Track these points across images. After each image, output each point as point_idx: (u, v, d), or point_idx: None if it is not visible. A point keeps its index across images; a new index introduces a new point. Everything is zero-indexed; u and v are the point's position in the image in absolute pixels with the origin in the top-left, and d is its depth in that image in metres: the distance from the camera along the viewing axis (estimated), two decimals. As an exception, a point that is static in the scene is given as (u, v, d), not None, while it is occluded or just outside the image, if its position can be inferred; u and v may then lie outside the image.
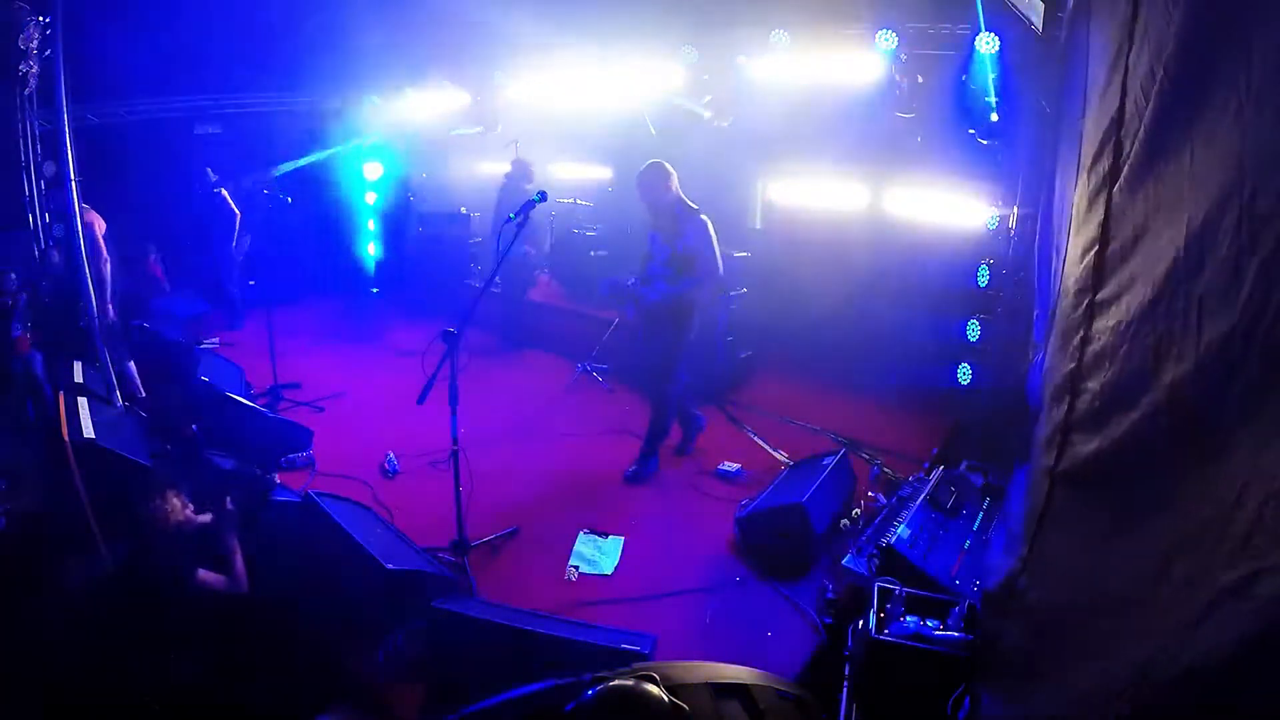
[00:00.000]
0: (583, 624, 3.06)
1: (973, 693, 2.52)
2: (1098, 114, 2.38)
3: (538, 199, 3.84)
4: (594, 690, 1.66)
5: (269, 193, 6.14)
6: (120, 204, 6.04)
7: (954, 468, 4.28)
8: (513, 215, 3.81)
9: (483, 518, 4.17)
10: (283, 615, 3.36)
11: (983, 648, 2.59)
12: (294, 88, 9.41)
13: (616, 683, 1.67)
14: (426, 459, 4.88)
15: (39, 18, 5.84)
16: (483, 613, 3.06)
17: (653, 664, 1.84)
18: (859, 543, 3.66)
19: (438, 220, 8.96)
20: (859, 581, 3.46)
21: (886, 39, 5.33)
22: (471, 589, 3.63)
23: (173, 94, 8.81)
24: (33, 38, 5.89)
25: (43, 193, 6.55)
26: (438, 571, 3.53)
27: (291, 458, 4.86)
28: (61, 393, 4.42)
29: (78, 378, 4.87)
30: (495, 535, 4.09)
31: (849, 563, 3.58)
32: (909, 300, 6.24)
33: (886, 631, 2.69)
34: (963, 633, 2.67)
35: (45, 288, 6.25)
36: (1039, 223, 4.19)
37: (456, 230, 8.89)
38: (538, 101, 8.31)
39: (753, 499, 4.27)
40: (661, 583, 3.80)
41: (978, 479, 4.18)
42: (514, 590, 3.64)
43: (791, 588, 3.73)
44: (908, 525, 3.41)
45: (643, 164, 4.58)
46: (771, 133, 6.75)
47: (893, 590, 2.89)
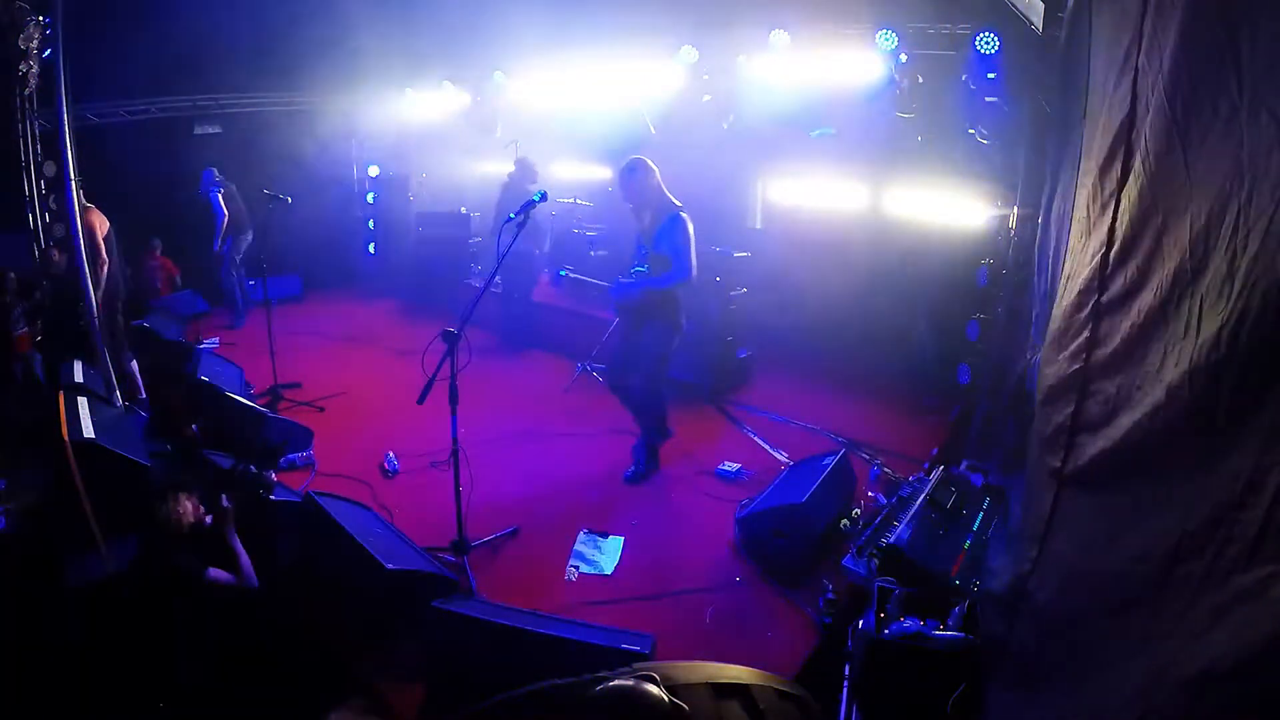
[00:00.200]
0: (583, 624, 3.05)
1: (978, 694, 2.52)
2: (1107, 116, 2.38)
3: (538, 199, 3.85)
4: (594, 690, 1.66)
5: (269, 193, 6.13)
6: (120, 204, 6.03)
7: (954, 467, 4.28)
8: (513, 215, 3.81)
9: (483, 518, 4.17)
10: (286, 615, 3.37)
11: (988, 649, 2.59)
12: (294, 88, 9.42)
13: (616, 683, 1.67)
14: (426, 459, 4.88)
15: (39, 18, 5.84)
16: (483, 613, 3.05)
17: (653, 664, 1.84)
18: (859, 543, 3.66)
19: (438, 220, 8.96)
20: (859, 581, 3.46)
21: (886, 39, 5.33)
22: (471, 589, 3.63)
23: (173, 94, 8.84)
24: (33, 38, 5.90)
25: (43, 193, 6.57)
26: (438, 571, 3.53)
27: (291, 458, 4.85)
28: (61, 393, 4.42)
29: (78, 378, 4.88)
30: (495, 535, 4.09)
31: (849, 563, 3.58)
32: (909, 300, 6.24)
33: (886, 631, 2.69)
34: (963, 633, 2.67)
35: (45, 288, 6.26)
36: (1039, 223, 4.19)
37: (456, 230, 8.90)
38: (538, 101, 8.32)
39: (753, 499, 4.26)
40: (661, 583, 3.79)
41: (978, 479, 4.18)
42: (514, 590, 3.64)
43: (791, 588, 3.72)
44: (908, 525, 3.41)
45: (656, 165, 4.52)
46: (771, 133, 6.76)
47: (893, 590, 2.89)
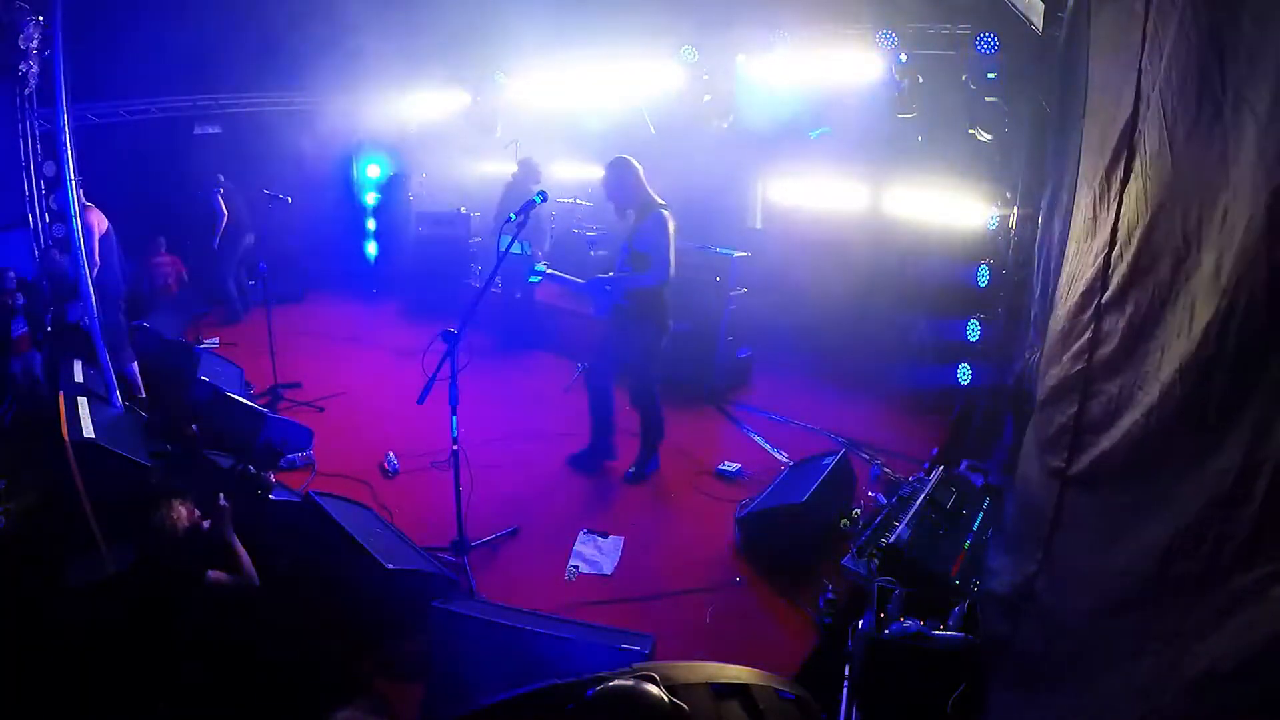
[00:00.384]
0: (583, 624, 3.05)
1: (979, 694, 2.51)
2: (1110, 116, 2.38)
3: (538, 199, 3.85)
4: (594, 690, 1.66)
5: (269, 193, 6.14)
6: (120, 204, 6.03)
7: (954, 468, 4.28)
8: (513, 215, 3.80)
9: (483, 518, 4.17)
10: (286, 615, 3.36)
11: (989, 649, 2.59)
12: (294, 88, 9.42)
13: (616, 683, 1.67)
14: (426, 459, 4.88)
15: (39, 18, 5.84)
16: (483, 613, 3.05)
17: (653, 664, 1.84)
18: (859, 543, 3.66)
19: (438, 220, 8.95)
20: (859, 581, 3.46)
21: (886, 39, 5.33)
22: (471, 589, 3.63)
23: (173, 94, 8.84)
24: (33, 38, 5.90)
25: (43, 192, 6.57)
26: (438, 571, 3.53)
27: (291, 458, 4.85)
28: (61, 393, 4.42)
29: (78, 378, 4.87)
30: (495, 535, 4.09)
31: (849, 563, 3.58)
32: (909, 300, 6.24)
33: (886, 631, 2.69)
34: (963, 633, 2.67)
35: (46, 288, 6.26)
36: (1039, 223, 4.19)
37: (456, 230, 8.89)
38: (538, 101, 8.31)
39: (753, 499, 4.26)
40: (661, 583, 3.79)
41: (978, 479, 4.18)
42: (514, 590, 3.64)
43: (791, 588, 3.72)
44: (907, 525, 3.41)
45: (639, 163, 4.50)
46: (771, 133, 6.75)
47: (893, 590, 2.89)
